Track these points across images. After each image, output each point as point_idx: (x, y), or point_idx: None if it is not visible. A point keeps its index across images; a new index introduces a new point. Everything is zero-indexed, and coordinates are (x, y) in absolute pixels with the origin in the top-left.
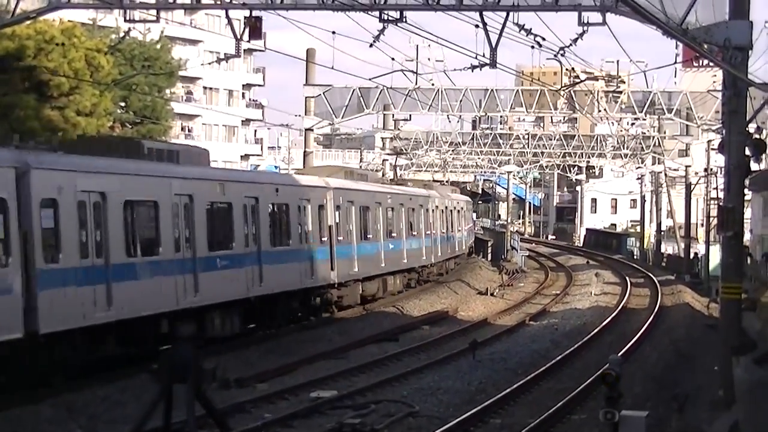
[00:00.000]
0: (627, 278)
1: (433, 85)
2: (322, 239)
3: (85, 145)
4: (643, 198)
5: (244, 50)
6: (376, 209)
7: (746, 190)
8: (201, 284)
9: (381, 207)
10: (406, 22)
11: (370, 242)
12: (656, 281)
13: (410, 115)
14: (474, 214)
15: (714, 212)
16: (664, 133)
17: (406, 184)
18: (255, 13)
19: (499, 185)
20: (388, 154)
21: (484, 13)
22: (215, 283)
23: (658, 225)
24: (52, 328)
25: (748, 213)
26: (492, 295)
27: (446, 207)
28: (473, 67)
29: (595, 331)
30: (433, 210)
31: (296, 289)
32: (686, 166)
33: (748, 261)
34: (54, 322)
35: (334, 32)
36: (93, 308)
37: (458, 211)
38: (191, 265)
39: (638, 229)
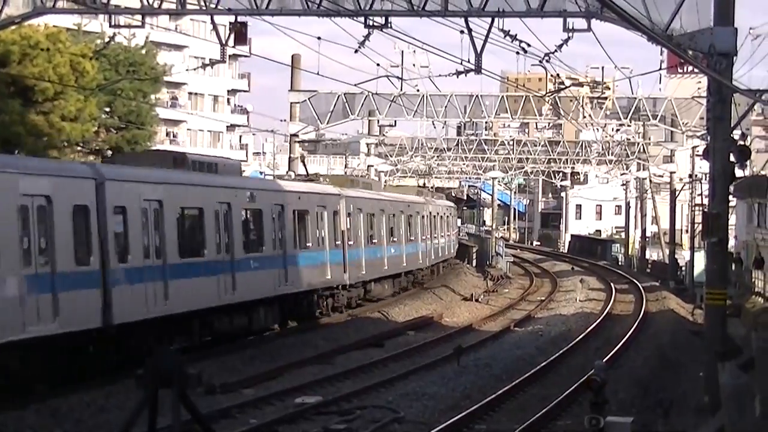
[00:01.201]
0: (612, 284)
1: (418, 90)
2: (336, 243)
3: (139, 157)
4: (627, 204)
5: (230, 56)
6: (381, 216)
7: (731, 197)
8: (237, 283)
9: (384, 214)
10: (391, 27)
11: (375, 246)
12: (641, 287)
13: (395, 121)
14: (459, 220)
15: (699, 218)
16: (649, 139)
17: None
18: (240, 18)
19: (484, 191)
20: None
21: (469, 19)
22: (246, 282)
23: (643, 231)
24: (123, 319)
25: (732, 219)
26: (477, 301)
27: (436, 213)
28: (458, 73)
29: (580, 337)
30: (425, 216)
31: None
32: (671, 173)
33: (733, 267)
34: (124, 314)
35: (319, 38)
36: (154, 303)
37: (444, 217)
38: (230, 265)
39: (623, 235)
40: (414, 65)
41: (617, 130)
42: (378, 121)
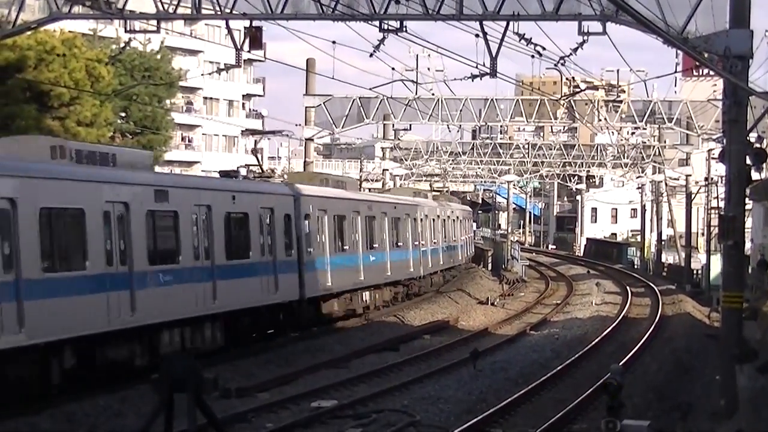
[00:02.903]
0: (628, 288)
1: (433, 94)
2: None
3: (303, 177)
4: (643, 207)
5: (244, 60)
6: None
7: (747, 200)
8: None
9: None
10: (406, 31)
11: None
12: (657, 291)
13: (410, 125)
14: (474, 224)
15: (715, 222)
16: (665, 142)
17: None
18: (255, 23)
19: (499, 195)
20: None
21: (484, 22)
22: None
23: (659, 234)
24: (311, 294)
25: (749, 222)
26: (493, 304)
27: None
28: (473, 77)
29: (596, 340)
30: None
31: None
32: (687, 176)
33: (750, 270)
34: (310, 291)
35: (334, 42)
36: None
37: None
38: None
39: (639, 238)
40: (429, 69)
41: (632, 133)
42: (393, 125)
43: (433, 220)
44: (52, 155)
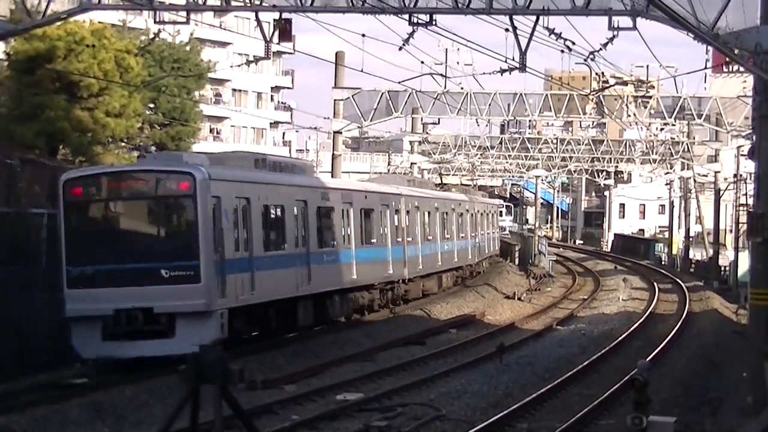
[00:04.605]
0: (655, 284)
1: (462, 88)
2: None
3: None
4: (671, 204)
5: (274, 52)
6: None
7: None
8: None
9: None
10: (435, 25)
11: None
12: (684, 287)
13: (439, 119)
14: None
15: (743, 218)
16: (694, 138)
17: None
18: (285, 15)
19: (527, 189)
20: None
21: (513, 17)
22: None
23: (687, 231)
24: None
25: None
26: (519, 299)
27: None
28: (502, 71)
29: (623, 336)
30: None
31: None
32: (715, 172)
33: None
34: (410, 273)
35: (363, 35)
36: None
37: (490, 215)
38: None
39: (666, 234)
40: (458, 63)
41: (661, 129)
42: (421, 118)
43: (481, 214)
44: (255, 165)
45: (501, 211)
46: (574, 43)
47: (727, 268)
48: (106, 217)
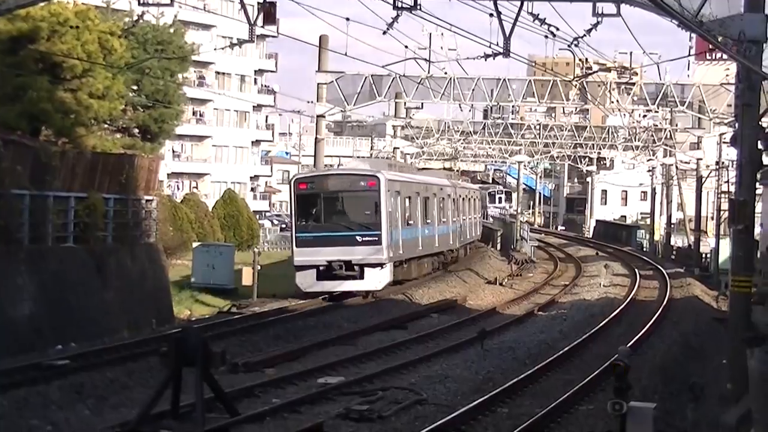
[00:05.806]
0: (636, 270)
1: (445, 73)
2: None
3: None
4: (653, 190)
5: (257, 36)
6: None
7: (758, 184)
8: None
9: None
10: (420, 9)
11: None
12: (665, 274)
13: (422, 104)
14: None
15: (725, 205)
16: (676, 125)
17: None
18: None
19: (509, 175)
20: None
21: (498, 2)
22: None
23: (669, 218)
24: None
25: (758, 207)
26: (501, 284)
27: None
28: (486, 56)
29: (604, 322)
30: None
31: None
32: (698, 159)
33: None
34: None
35: (347, 19)
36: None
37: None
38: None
39: (648, 221)
40: (442, 48)
41: (644, 115)
42: (405, 103)
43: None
44: (389, 166)
45: (500, 198)
46: (558, 29)
47: (708, 255)
48: (320, 202)
